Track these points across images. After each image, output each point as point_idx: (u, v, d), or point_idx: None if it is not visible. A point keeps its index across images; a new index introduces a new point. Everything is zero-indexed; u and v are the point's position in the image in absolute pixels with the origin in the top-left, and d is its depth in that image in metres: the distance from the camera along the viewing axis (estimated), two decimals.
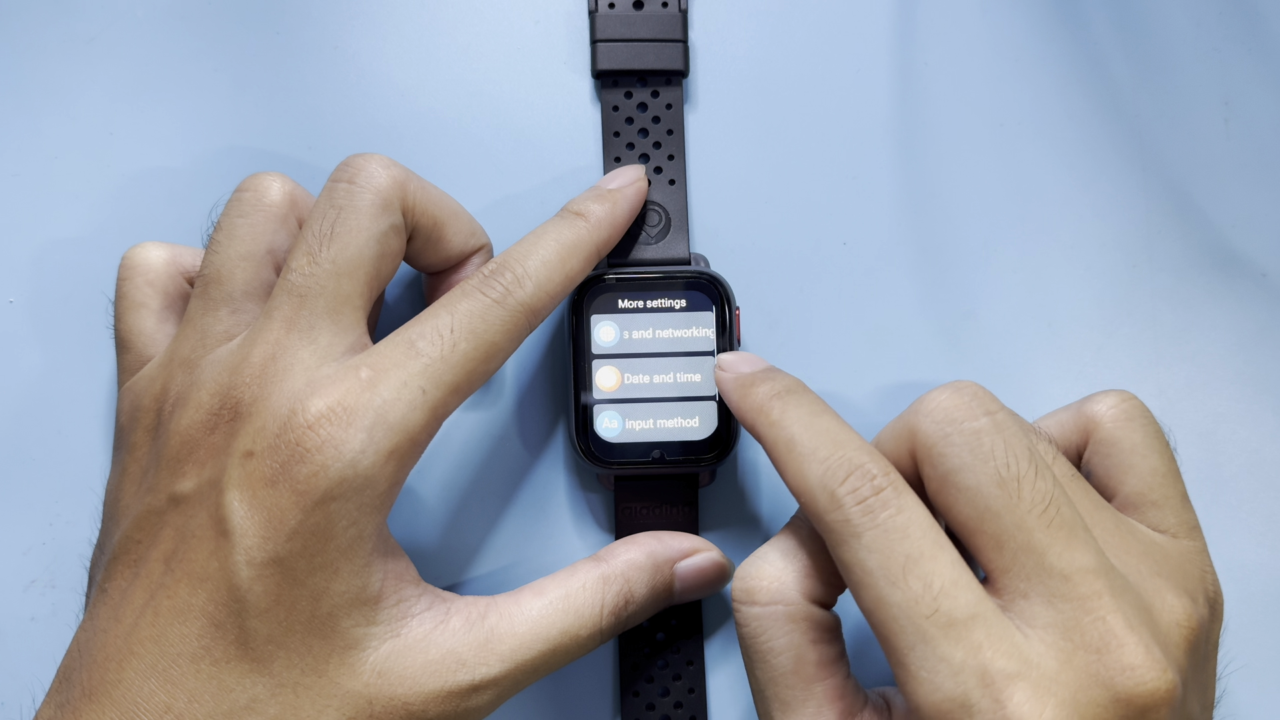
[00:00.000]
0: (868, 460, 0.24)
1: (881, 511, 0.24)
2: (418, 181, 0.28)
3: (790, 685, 0.25)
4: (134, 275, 0.29)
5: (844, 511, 0.24)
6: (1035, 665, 0.22)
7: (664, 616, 0.32)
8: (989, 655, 0.22)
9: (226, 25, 0.33)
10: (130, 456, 0.27)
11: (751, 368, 0.28)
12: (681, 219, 0.32)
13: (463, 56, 0.34)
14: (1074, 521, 0.24)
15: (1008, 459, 0.24)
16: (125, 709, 0.24)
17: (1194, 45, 0.35)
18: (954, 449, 0.24)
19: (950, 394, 0.25)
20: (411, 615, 0.26)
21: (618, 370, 0.31)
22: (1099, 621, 0.23)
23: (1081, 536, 0.23)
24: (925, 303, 0.34)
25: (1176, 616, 0.24)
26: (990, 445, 0.24)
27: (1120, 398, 0.28)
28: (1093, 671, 0.23)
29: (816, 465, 0.25)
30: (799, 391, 0.27)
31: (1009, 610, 0.24)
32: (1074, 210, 0.34)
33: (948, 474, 0.24)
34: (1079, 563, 0.23)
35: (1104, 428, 0.28)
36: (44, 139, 0.33)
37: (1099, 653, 0.23)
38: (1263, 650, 0.33)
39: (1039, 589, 0.23)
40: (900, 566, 0.23)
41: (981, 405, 0.24)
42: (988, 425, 0.24)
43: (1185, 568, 0.26)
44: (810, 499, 0.25)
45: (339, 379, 0.25)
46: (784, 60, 0.34)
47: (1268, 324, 0.34)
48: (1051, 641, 0.23)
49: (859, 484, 0.24)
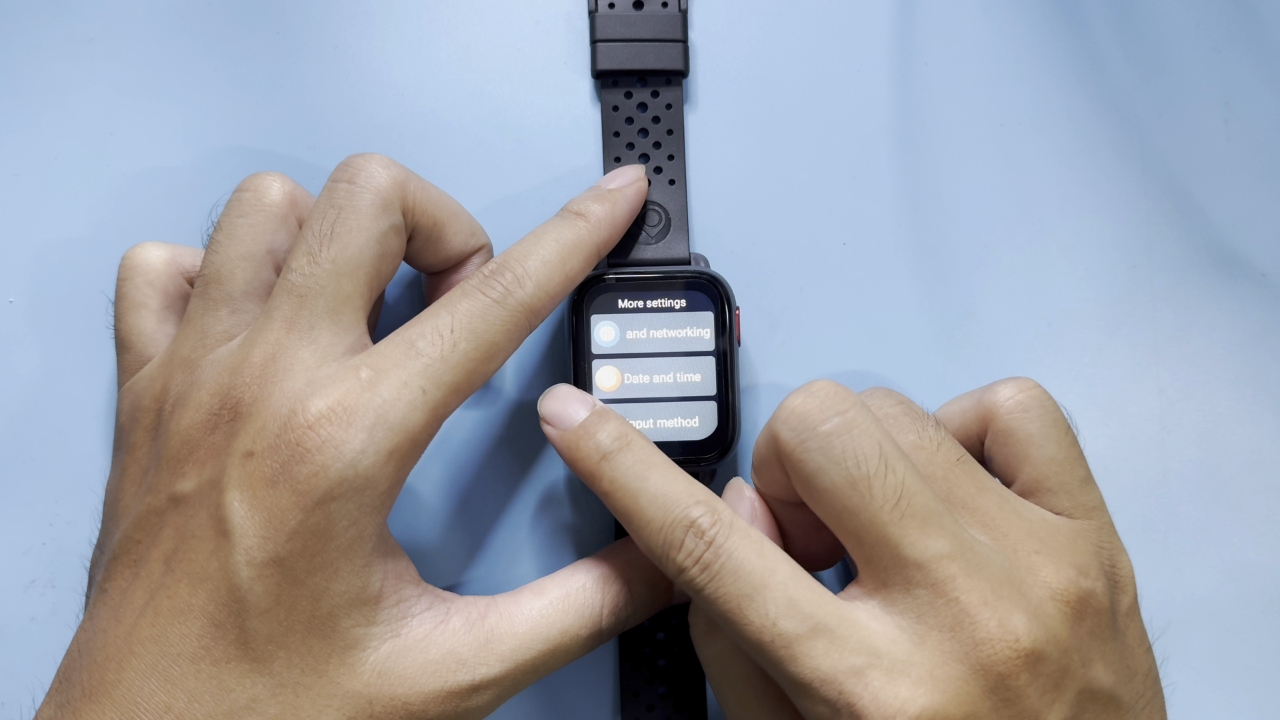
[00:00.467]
0: (696, 514, 0.26)
1: (714, 563, 0.25)
2: (418, 181, 0.28)
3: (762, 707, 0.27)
4: (134, 275, 0.29)
5: (686, 575, 0.25)
6: (885, 653, 0.24)
7: (664, 616, 0.32)
8: (834, 659, 0.24)
9: (226, 25, 0.33)
10: (130, 456, 0.27)
11: (574, 415, 0.28)
12: (681, 219, 0.32)
13: (463, 56, 0.34)
14: (927, 509, 0.25)
15: (857, 459, 0.25)
16: (125, 709, 0.24)
17: (1194, 45, 0.35)
18: (809, 454, 0.25)
19: (803, 398, 0.26)
20: (411, 615, 0.26)
21: (618, 370, 0.31)
22: (952, 603, 0.24)
23: (935, 523, 0.25)
24: (925, 303, 0.34)
25: (1052, 589, 0.25)
26: (840, 447, 0.25)
27: (1018, 387, 0.28)
28: (947, 649, 0.24)
29: (655, 536, 0.26)
30: (622, 449, 0.27)
31: (872, 598, 0.25)
32: (1074, 210, 0.34)
33: (808, 478, 0.26)
34: (932, 549, 0.25)
35: (1000, 418, 0.28)
36: (44, 139, 0.33)
37: (952, 631, 0.24)
38: (1263, 650, 0.33)
39: (897, 578, 0.25)
40: (739, 607, 0.25)
41: (832, 406, 0.25)
42: (838, 426, 0.25)
43: (1074, 543, 0.27)
44: (660, 565, 0.26)
45: (339, 379, 0.25)
46: (784, 60, 0.34)
47: (1268, 324, 0.34)
48: (906, 626, 0.24)
49: (693, 545, 0.25)
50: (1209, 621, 0.33)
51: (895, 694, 0.23)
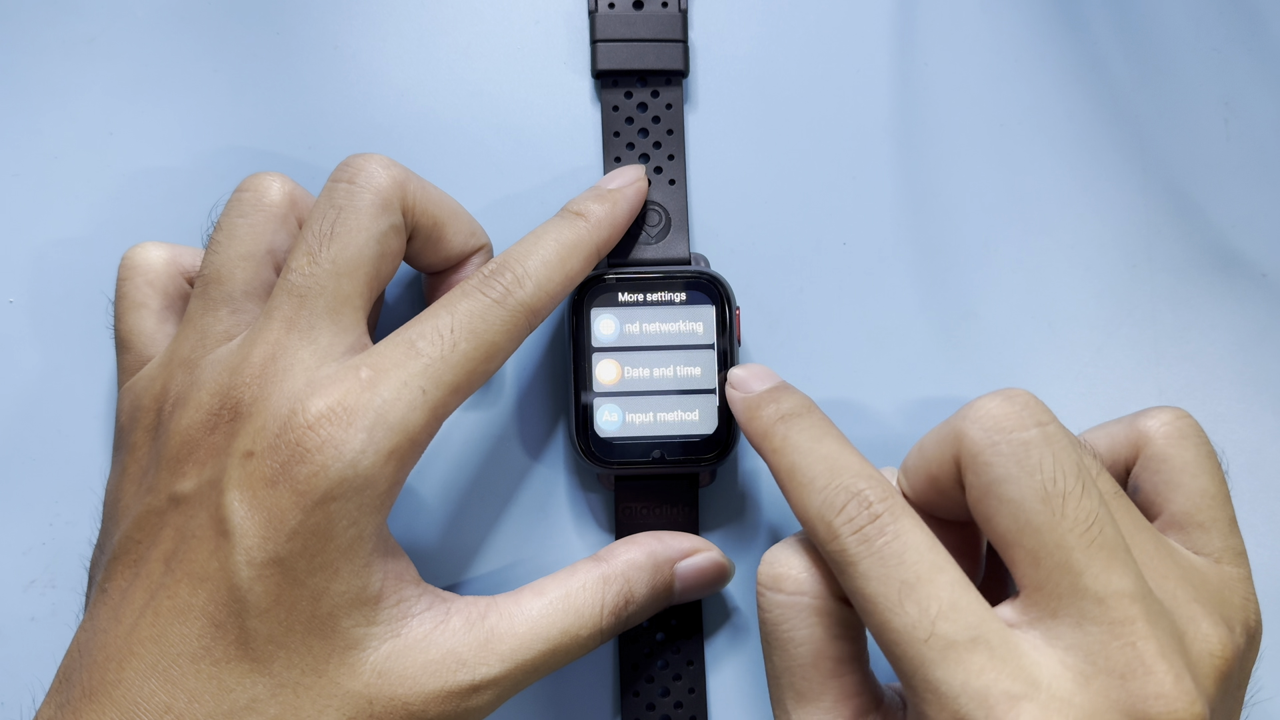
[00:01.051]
0: (865, 486, 0.24)
1: (877, 539, 0.24)
2: (418, 181, 0.28)
3: (807, 677, 0.25)
4: (134, 275, 0.29)
5: (840, 542, 0.24)
6: (1045, 687, 0.22)
7: (664, 616, 0.32)
8: (991, 677, 0.22)
9: (226, 25, 0.33)
10: (130, 456, 0.27)
11: (761, 384, 0.28)
12: (681, 219, 0.32)
13: (463, 56, 0.34)
14: (1115, 543, 0.23)
15: (1055, 474, 0.23)
16: (125, 709, 0.24)
17: (1194, 45, 0.35)
18: (1000, 459, 0.24)
19: (1002, 401, 0.24)
20: (412, 615, 0.26)
21: (618, 364, 0.31)
22: (1129, 647, 0.22)
23: (1121, 559, 0.23)
24: (925, 303, 0.34)
25: (1210, 646, 0.24)
26: (1039, 458, 0.23)
27: (1175, 415, 0.27)
28: (1114, 697, 0.22)
29: (815, 495, 0.25)
30: (803, 414, 0.27)
31: (1034, 627, 0.23)
32: (1074, 210, 0.34)
33: (991, 484, 0.24)
34: (1115, 586, 0.23)
35: (1155, 443, 0.27)
36: (44, 139, 0.33)
37: (1123, 678, 0.22)
38: (1263, 650, 0.33)
39: (1070, 609, 0.23)
40: (896, 592, 0.23)
41: (1033, 416, 0.24)
42: (1037, 437, 0.24)
43: (1225, 595, 0.25)
44: (810, 529, 0.25)
45: (339, 379, 0.25)
46: (784, 60, 0.34)
47: (1268, 324, 0.34)
48: (1071, 664, 0.23)
49: (855, 513, 0.24)
50: None
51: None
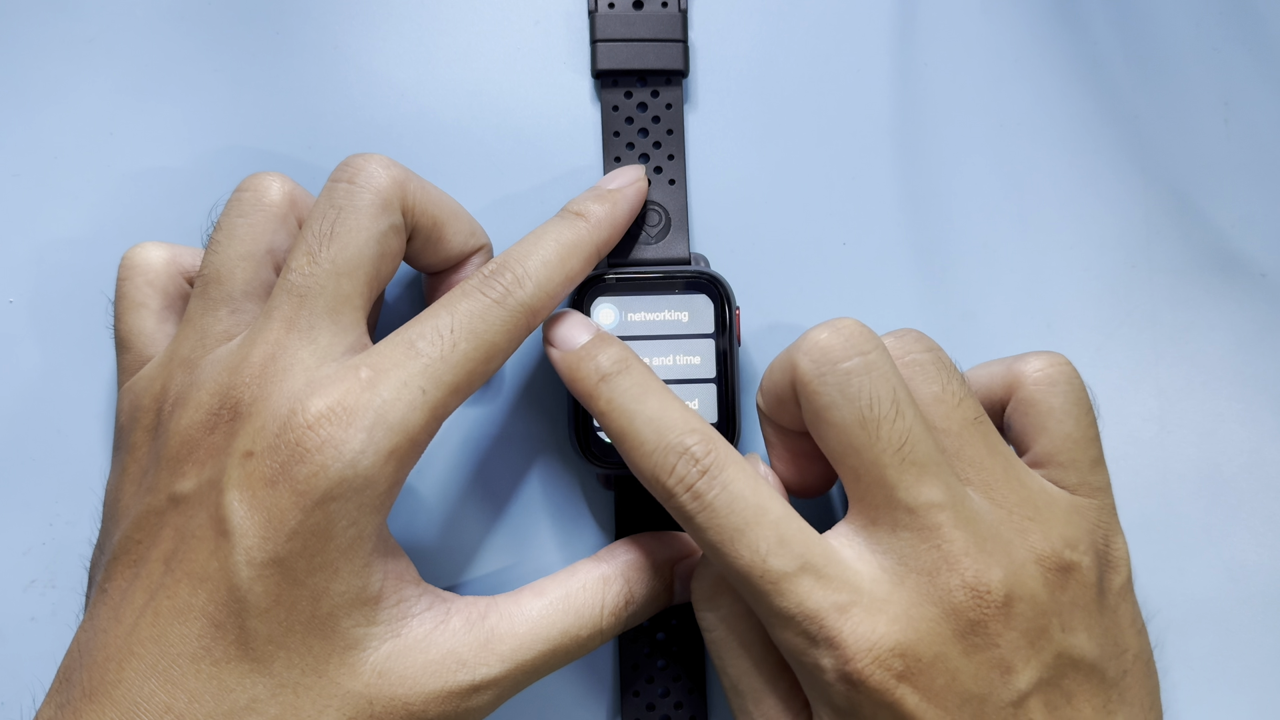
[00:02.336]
0: (691, 442, 0.26)
1: (708, 494, 0.26)
2: (418, 181, 0.28)
3: (759, 673, 0.27)
4: (134, 275, 0.29)
5: (676, 500, 0.26)
6: (866, 591, 0.25)
7: (664, 616, 0.32)
8: (819, 596, 0.25)
9: (226, 25, 0.33)
10: (130, 456, 0.27)
11: (576, 336, 0.29)
12: (681, 219, 0.32)
13: (462, 56, 0.34)
14: (927, 459, 0.25)
15: (871, 400, 0.26)
16: (125, 709, 0.24)
17: (1194, 45, 0.35)
18: (826, 388, 0.26)
19: (829, 333, 0.26)
20: (412, 615, 0.26)
21: None
22: (934, 548, 0.25)
23: (933, 473, 0.25)
24: (925, 303, 0.34)
25: (1036, 553, 0.26)
26: (858, 386, 0.26)
27: (1048, 360, 0.29)
28: (924, 591, 0.25)
29: (646, 459, 0.26)
30: (620, 372, 0.27)
31: (859, 535, 0.26)
32: (1074, 210, 0.34)
33: (819, 410, 0.26)
34: (925, 497, 0.25)
35: (1025, 387, 0.29)
36: (44, 139, 0.33)
37: (930, 575, 0.25)
38: (1263, 650, 0.33)
39: (886, 518, 0.26)
40: (730, 540, 0.25)
41: (855, 346, 0.26)
42: (858, 366, 0.26)
43: (1070, 517, 0.27)
44: (650, 489, 0.27)
45: (339, 379, 0.25)
46: (784, 60, 0.34)
47: (1268, 324, 0.34)
48: (888, 566, 0.25)
49: (684, 471, 0.26)
50: (1209, 621, 0.33)
51: (872, 628, 0.24)
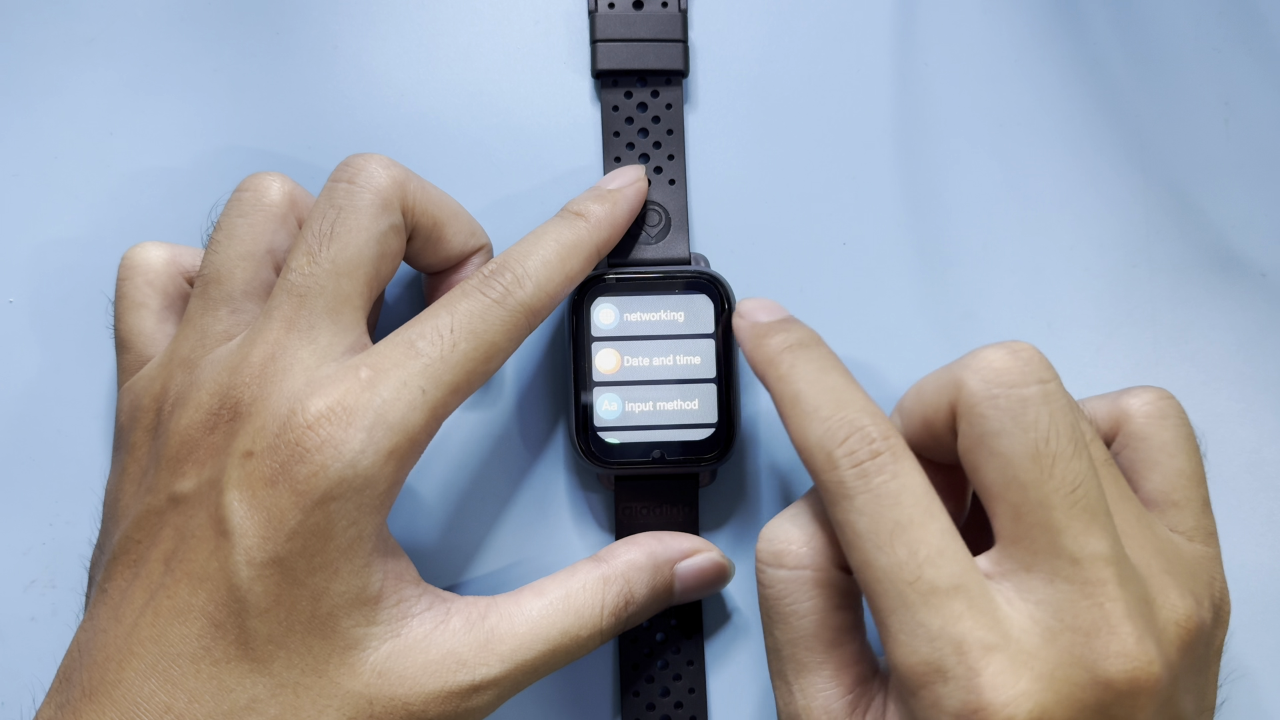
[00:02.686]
0: (869, 422, 0.25)
1: (876, 476, 0.24)
2: (418, 181, 0.28)
3: (810, 648, 0.26)
4: (134, 275, 0.29)
5: (839, 473, 0.24)
6: (1015, 640, 0.23)
7: (664, 616, 0.32)
8: (968, 625, 0.23)
9: (226, 25, 0.33)
10: (130, 456, 0.27)
11: (769, 316, 0.28)
12: (681, 219, 0.32)
13: (462, 57, 0.34)
14: (1097, 508, 0.23)
15: (1049, 434, 0.23)
16: (125, 709, 0.24)
17: (1194, 45, 0.35)
18: (997, 412, 0.24)
19: (1005, 354, 0.24)
20: (412, 615, 0.26)
21: (618, 353, 0.31)
22: (1096, 607, 0.23)
23: (1101, 523, 0.23)
24: (925, 303, 0.34)
25: (1177, 615, 0.24)
26: (1034, 416, 0.23)
27: (1157, 395, 0.28)
28: (1077, 653, 0.23)
29: (817, 424, 0.25)
30: (811, 345, 0.27)
31: (1007, 579, 0.24)
32: (1074, 210, 0.34)
33: (984, 435, 0.24)
34: (1091, 549, 0.23)
35: (1135, 421, 0.28)
36: (44, 139, 0.33)
37: (1088, 635, 0.23)
38: (1262, 650, 0.33)
39: (1044, 566, 0.23)
40: (889, 532, 0.23)
41: (1035, 372, 0.24)
42: (1037, 394, 0.24)
43: (1195, 570, 0.26)
44: (809, 457, 0.25)
45: (339, 379, 0.25)
46: (784, 60, 0.34)
47: (1268, 324, 0.34)
48: (1040, 618, 0.23)
49: (857, 446, 0.24)
50: None
51: (1015, 684, 0.22)
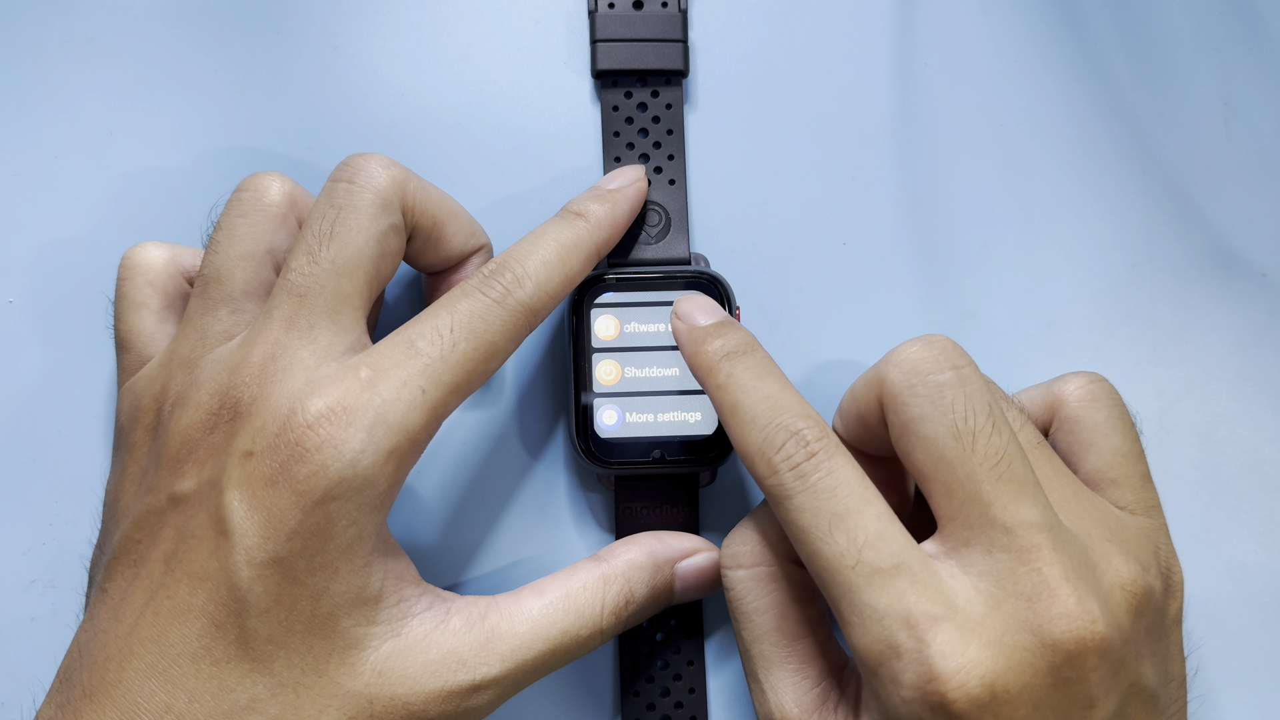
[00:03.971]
0: (803, 425, 0.26)
1: (812, 474, 0.25)
2: (417, 181, 0.28)
3: (773, 642, 0.27)
4: (134, 275, 0.29)
5: (779, 477, 0.25)
6: (960, 609, 0.24)
7: (664, 616, 0.32)
8: (912, 600, 0.24)
9: (226, 25, 0.33)
10: (130, 456, 0.27)
11: (707, 318, 0.29)
12: (681, 219, 0.32)
13: (463, 56, 0.34)
14: (1024, 477, 0.25)
15: (966, 413, 0.25)
16: (126, 709, 0.24)
17: (1194, 45, 0.35)
18: (916, 399, 0.25)
19: (920, 346, 0.26)
20: (412, 615, 0.26)
21: (618, 364, 0.31)
22: (1034, 572, 0.24)
23: (1030, 492, 0.25)
24: (925, 303, 0.34)
25: (1121, 579, 0.25)
26: (951, 398, 0.25)
27: (1088, 379, 0.29)
28: (1021, 618, 0.24)
29: (755, 432, 0.26)
30: (746, 352, 0.27)
31: (950, 557, 0.25)
32: (1074, 210, 0.34)
33: (909, 422, 0.25)
34: (1022, 516, 0.24)
35: (1069, 406, 0.29)
36: (44, 139, 0.33)
37: (1030, 600, 0.24)
38: (1262, 650, 0.33)
39: (980, 538, 0.24)
40: (828, 524, 0.25)
41: (948, 359, 0.25)
42: (951, 379, 0.25)
43: (1139, 539, 0.27)
44: (750, 465, 0.26)
45: (338, 378, 0.25)
46: (784, 60, 0.34)
47: (1268, 324, 0.34)
48: (983, 588, 0.24)
49: (793, 450, 0.25)
50: (1209, 621, 0.33)
51: (964, 651, 0.23)
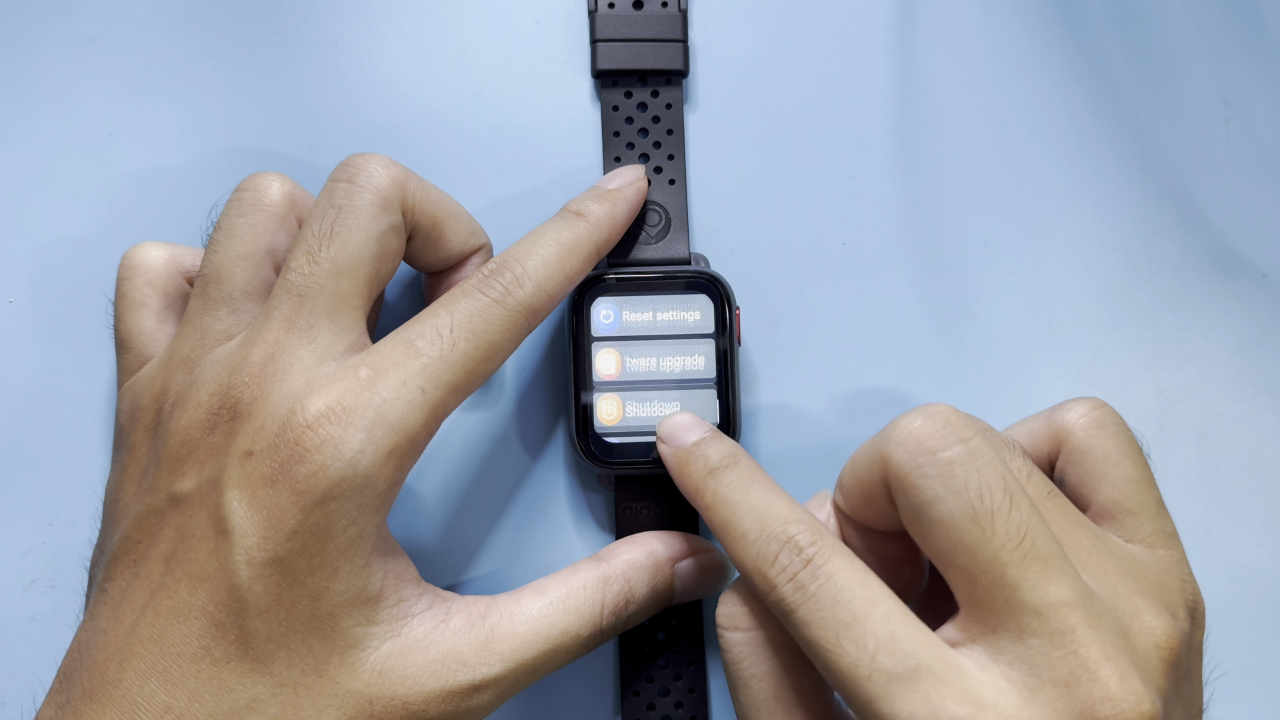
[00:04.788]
0: (795, 531, 0.25)
1: (811, 584, 0.24)
2: (417, 181, 0.28)
3: (772, 711, 0.25)
4: (134, 275, 0.29)
5: (778, 592, 0.24)
6: (991, 705, 0.22)
7: (664, 616, 0.32)
8: (938, 704, 0.22)
9: (226, 25, 0.33)
10: (130, 456, 0.27)
11: (689, 435, 0.28)
12: (681, 219, 0.32)
13: (463, 56, 0.34)
14: (1050, 552, 0.23)
15: (981, 491, 0.23)
16: (126, 709, 0.24)
17: (1194, 45, 0.35)
18: (927, 481, 0.24)
19: (923, 420, 0.24)
20: (412, 615, 0.26)
21: (618, 354, 0.31)
22: (1071, 655, 0.22)
23: (1057, 567, 0.23)
24: (925, 303, 0.34)
25: (1156, 638, 0.24)
26: (964, 477, 0.23)
27: (1091, 405, 0.27)
28: (1061, 706, 0.22)
29: (749, 549, 0.25)
30: (729, 466, 0.27)
31: (976, 644, 0.23)
32: (1074, 210, 0.34)
33: (920, 506, 0.24)
34: (1053, 597, 0.23)
35: (1075, 436, 0.27)
36: (44, 139, 0.33)
37: (1069, 686, 0.22)
38: (1261, 650, 0.33)
39: (1010, 624, 0.23)
40: (835, 635, 0.23)
41: (955, 433, 0.24)
42: (961, 455, 0.23)
43: (1164, 580, 0.25)
44: (750, 582, 0.25)
45: (338, 378, 0.25)
46: (784, 60, 0.34)
47: (1268, 324, 0.34)
48: (1016, 678, 0.22)
49: (788, 561, 0.24)
50: (1209, 621, 0.33)
51: None
